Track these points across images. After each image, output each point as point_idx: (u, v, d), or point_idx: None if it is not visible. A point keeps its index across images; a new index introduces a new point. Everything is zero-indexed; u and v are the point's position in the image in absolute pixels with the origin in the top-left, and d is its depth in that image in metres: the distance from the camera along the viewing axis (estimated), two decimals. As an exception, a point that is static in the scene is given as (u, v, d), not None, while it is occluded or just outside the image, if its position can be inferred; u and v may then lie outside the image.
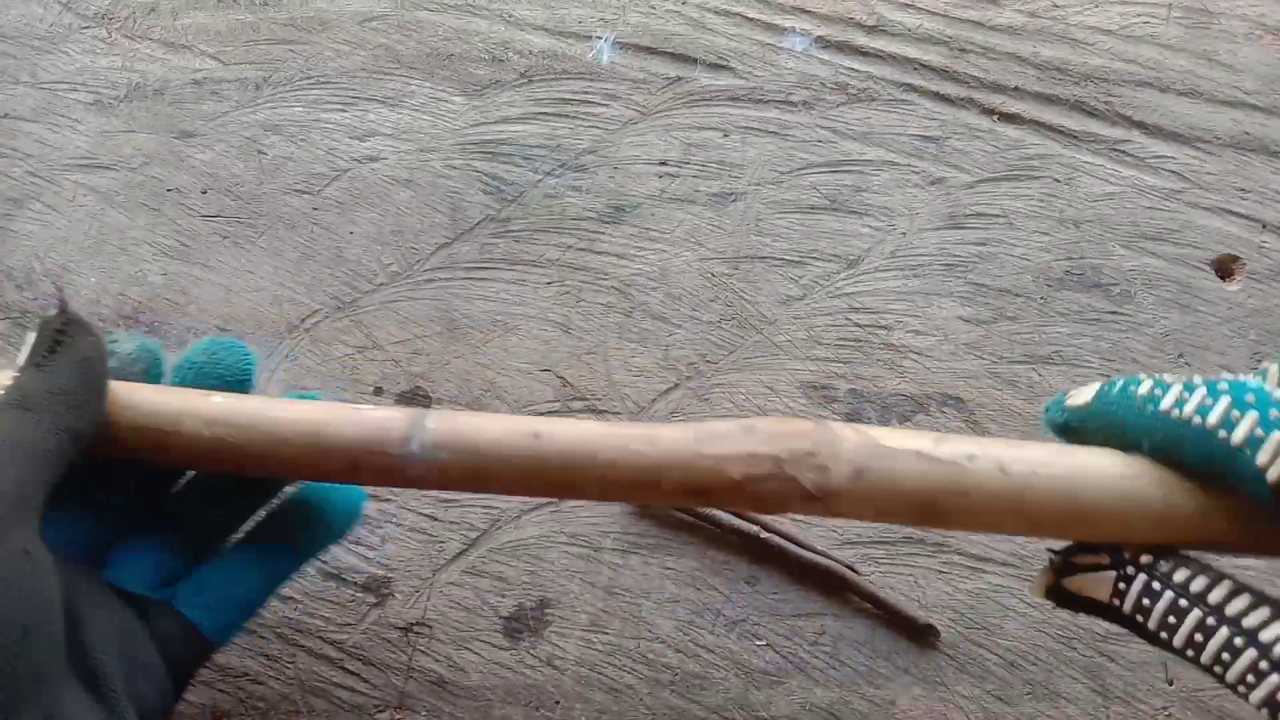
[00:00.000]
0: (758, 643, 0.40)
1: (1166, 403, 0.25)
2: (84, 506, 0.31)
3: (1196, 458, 0.25)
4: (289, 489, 0.34)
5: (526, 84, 0.52)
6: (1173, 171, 0.50)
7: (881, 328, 0.47)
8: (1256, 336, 0.47)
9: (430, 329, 0.46)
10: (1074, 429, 0.28)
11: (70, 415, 0.27)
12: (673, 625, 0.40)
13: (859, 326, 0.47)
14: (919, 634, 0.40)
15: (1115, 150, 0.51)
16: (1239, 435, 0.24)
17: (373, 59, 0.53)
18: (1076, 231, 0.49)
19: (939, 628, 0.40)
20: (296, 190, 0.49)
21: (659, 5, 0.54)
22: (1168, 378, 0.26)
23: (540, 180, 0.50)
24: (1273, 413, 0.24)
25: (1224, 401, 0.24)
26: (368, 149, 0.50)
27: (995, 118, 0.52)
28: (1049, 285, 0.48)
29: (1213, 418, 0.24)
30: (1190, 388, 0.25)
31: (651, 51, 0.53)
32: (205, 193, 0.49)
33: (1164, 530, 0.26)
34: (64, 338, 0.28)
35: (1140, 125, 0.52)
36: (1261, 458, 0.23)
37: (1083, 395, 0.28)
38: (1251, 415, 0.24)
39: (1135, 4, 0.54)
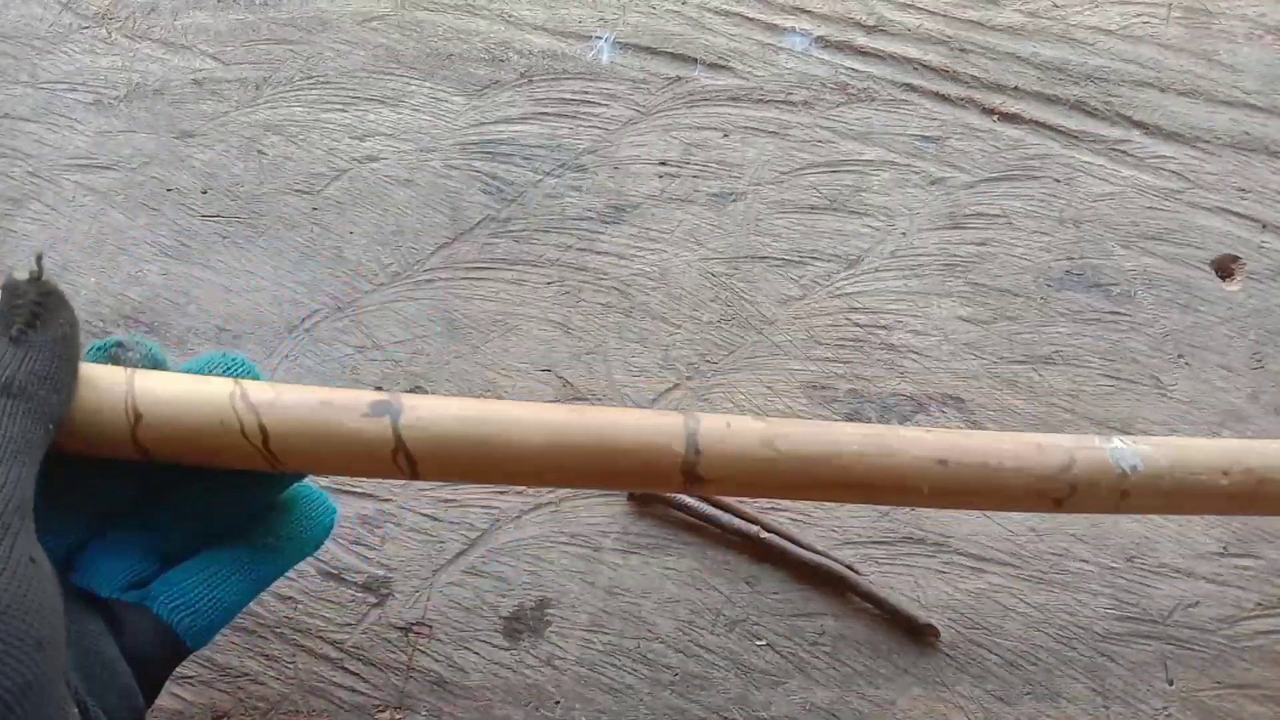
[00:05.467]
0: (758, 643, 0.40)
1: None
2: (57, 504, 0.27)
3: None
4: (269, 491, 0.32)
5: (526, 84, 0.52)
6: (1173, 171, 0.50)
7: (881, 328, 0.47)
8: (1256, 336, 0.47)
9: (430, 329, 0.46)
10: None
11: (54, 401, 0.24)
12: (673, 625, 0.40)
13: (859, 326, 0.47)
14: (919, 634, 0.40)
15: (1115, 150, 0.51)
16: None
17: (373, 59, 0.53)
18: (1076, 231, 0.49)
19: (939, 628, 0.40)
20: (296, 190, 0.49)
21: (659, 5, 0.54)
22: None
23: (540, 180, 0.50)
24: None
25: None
26: (368, 149, 0.50)
27: (995, 118, 0.52)
28: (1049, 285, 0.48)
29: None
30: None
31: (651, 51, 0.53)
32: (205, 193, 0.49)
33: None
34: (42, 310, 0.25)
35: (1140, 125, 0.52)
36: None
37: None
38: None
39: (1135, 4, 0.54)
